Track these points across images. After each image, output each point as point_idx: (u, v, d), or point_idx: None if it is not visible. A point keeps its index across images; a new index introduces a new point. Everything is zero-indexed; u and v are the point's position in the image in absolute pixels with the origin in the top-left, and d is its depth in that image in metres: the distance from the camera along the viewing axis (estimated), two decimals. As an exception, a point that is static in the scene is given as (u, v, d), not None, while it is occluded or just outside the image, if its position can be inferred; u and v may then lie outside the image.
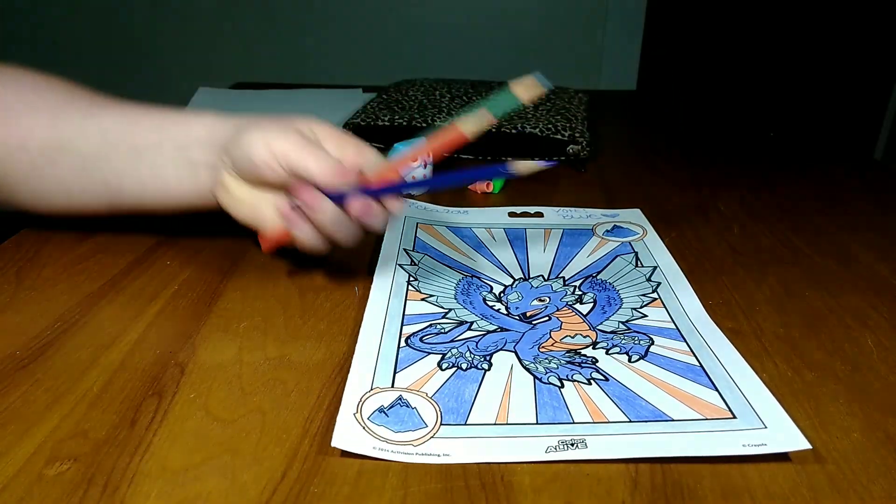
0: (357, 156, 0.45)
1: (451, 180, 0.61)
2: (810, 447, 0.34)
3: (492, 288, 0.50)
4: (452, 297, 0.48)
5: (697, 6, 1.92)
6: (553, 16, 1.88)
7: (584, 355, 0.42)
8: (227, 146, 0.45)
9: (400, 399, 0.37)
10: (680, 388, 0.39)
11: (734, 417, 0.36)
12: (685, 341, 0.43)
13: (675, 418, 0.36)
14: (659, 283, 0.51)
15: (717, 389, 0.38)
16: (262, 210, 0.46)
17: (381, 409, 0.36)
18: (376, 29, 1.92)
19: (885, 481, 0.33)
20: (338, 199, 0.44)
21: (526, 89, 0.38)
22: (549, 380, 0.39)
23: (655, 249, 0.56)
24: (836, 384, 0.40)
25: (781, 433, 0.35)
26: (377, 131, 0.81)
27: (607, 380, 0.39)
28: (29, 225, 0.56)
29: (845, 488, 0.32)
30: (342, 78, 1.88)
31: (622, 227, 0.60)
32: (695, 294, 0.49)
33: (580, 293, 0.49)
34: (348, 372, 0.39)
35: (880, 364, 0.42)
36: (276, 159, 0.43)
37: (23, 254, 0.52)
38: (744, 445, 0.34)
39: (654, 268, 0.53)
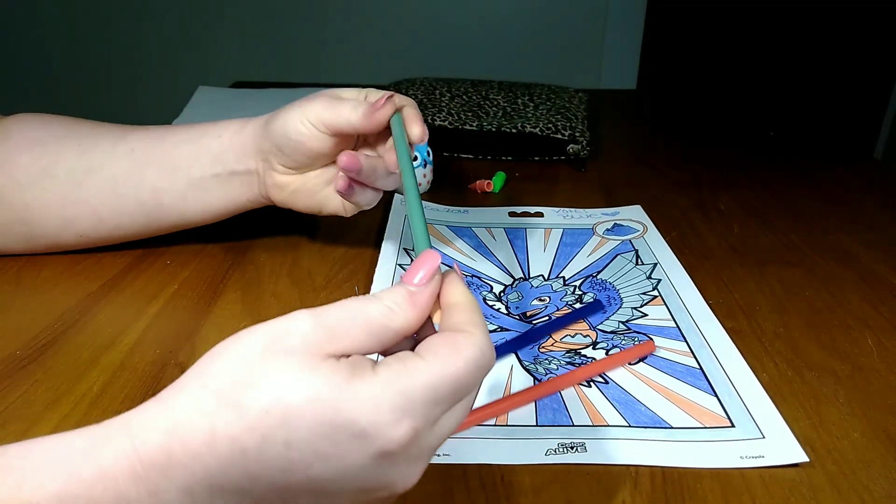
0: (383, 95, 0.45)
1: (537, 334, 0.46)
2: (808, 460, 0.33)
3: (492, 288, 0.50)
4: (452, 296, 0.48)
5: (697, 6, 1.92)
6: (553, 15, 1.88)
7: (584, 356, 0.42)
8: (262, 144, 0.46)
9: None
10: (679, 394, 0.39)
11: (732, 426, 0.36)
12: (685, 341, 0.43)
13: (673, 426, 0.36)
14: (659, 280, 0.51)
15: (716, 395, 0.38)
16: (319, 193, 0.47)
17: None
18: (376, 28, 1.92)
19: (885, 481, 0.33)
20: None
21: None
22: (549, 380, 0.39)
23: (656, 246, 0.56)
24: (836, 384, 0.40)
25: (779, 444, 0.34)
26: (377, 131, 0.81)
27: (607, 383, 0.39)
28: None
29: (845, 488, 0.32)
30: (342, 77, 1.88)
31: (622, 226, 0.60)
32: (696, 288, 0.49)
33: (580, 293, 0.49)
34: (348, 372, 0.39)
35: (880, 364, 0.42)
36: (314, 126, 0.44)
37: (23, 254, 0.52)
38: (741, 458, 0.34)
39: (655, 264, 0.53)
